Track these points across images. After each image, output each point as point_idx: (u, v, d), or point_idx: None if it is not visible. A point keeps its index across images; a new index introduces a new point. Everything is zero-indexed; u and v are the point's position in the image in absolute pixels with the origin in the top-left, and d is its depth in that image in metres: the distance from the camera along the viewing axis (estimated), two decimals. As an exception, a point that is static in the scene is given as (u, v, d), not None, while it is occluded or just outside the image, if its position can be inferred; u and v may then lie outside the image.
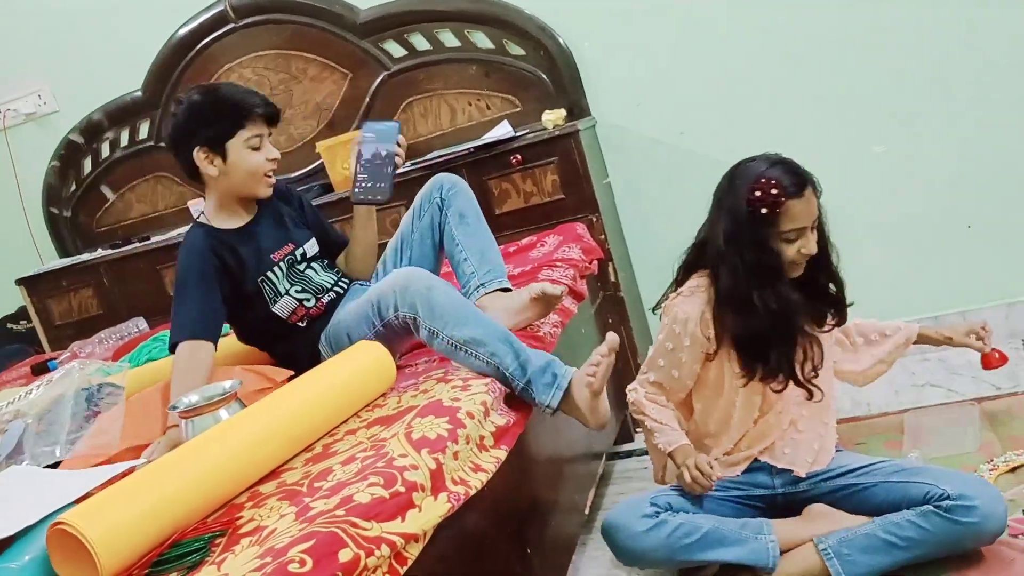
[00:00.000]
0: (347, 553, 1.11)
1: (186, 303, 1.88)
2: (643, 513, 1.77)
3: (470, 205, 2.13)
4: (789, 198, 1.70)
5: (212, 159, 1.92)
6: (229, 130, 1.90)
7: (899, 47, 2.62)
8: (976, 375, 2.54)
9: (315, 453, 1.50)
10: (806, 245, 1.74)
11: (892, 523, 1.68)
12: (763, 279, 1.74)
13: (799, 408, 1.87)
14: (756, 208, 1.70)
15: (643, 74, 2.85)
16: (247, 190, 1.98)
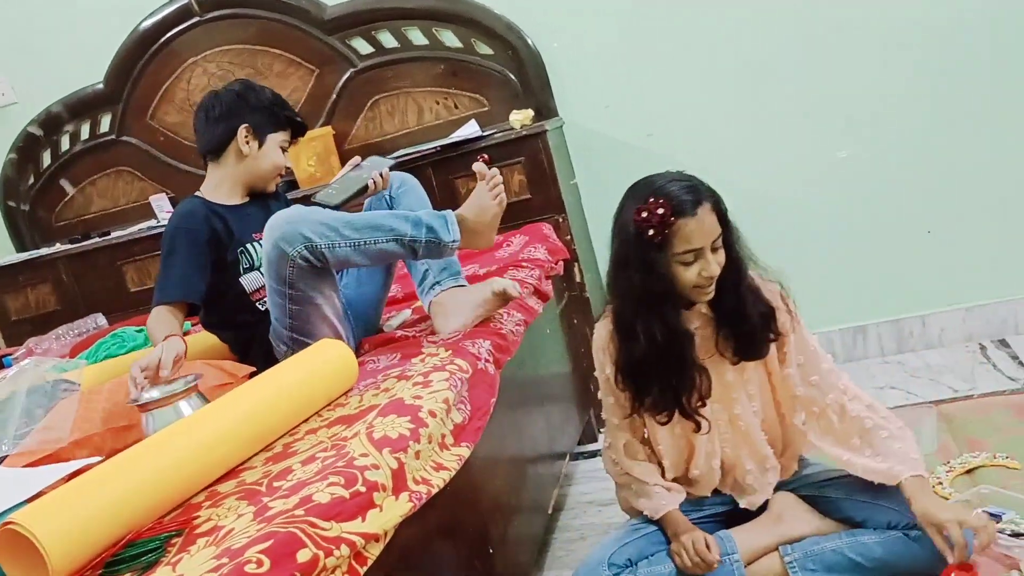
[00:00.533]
0: (305, 553, 1.09)
1: (176, 265, 1.95)
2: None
3: (420, 203, 2.14)
4: (679, 218, 1.56)
5: (251, 140, 2.07)
6: (276, 126, 2.09)
7: (863, 53, 2.65)
8: (934, 378, 2.59)
9: (275, 452, 1.48)
10: (706, 268, 1.59)
11: (861, 543, 1.66)
12: (649, 306, 1.63)
13: (734, 452, 1.78)
14: (643, 230, 1.58)
15: (612, 76, 2.86)
16: (260, 179, 2.12)
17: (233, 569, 1.04)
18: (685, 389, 1.69)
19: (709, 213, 1.58)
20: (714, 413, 1.74)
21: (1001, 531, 1.72)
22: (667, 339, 1.64)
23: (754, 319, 1.67)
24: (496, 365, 1.83)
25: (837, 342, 2.87)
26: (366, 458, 1.31)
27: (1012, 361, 2.57)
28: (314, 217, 1.82)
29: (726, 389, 1.75)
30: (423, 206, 2.12)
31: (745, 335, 1.69)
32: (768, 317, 1.69)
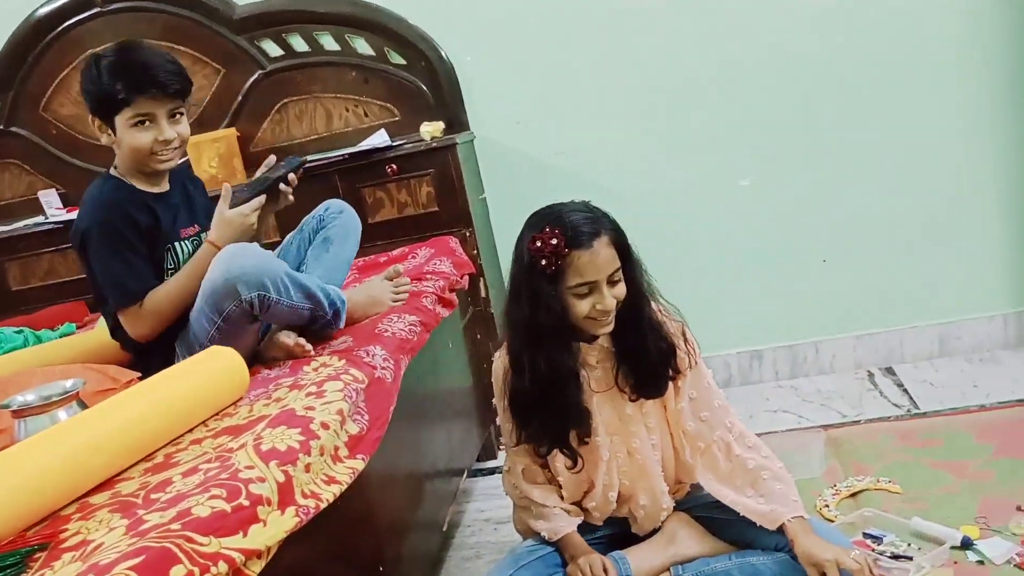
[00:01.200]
0: (179, 570, 1.03)
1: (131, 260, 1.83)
2: None
3: (343, 234, 2.10)
4: (574, 249, 1.53)
5: (104, 128, 1.87)
6: (112, 107, 1.83)
7: (769, 84, 2.73)
8: (824, 403, 2.66)
9: (155, 463, 1.41)
10: (600, 301, 1.56)
11: (750, 564, 1.67)
12: (536, 339, 1.60)
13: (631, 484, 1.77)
14: (537, 259, 1.55)
15: (524, 93, 2.86)
16: (137, 163, 1.90)
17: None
18: (565, 427, 1.67)
19: (606, 246, 1.56)
20: (613, 446, 1.74)
21: (882, 553, 1.77)
22: (550, 375, 1.61)
23: (653, 356, 1.66)
24: (397, 365, 1.80)
25: (734, 365, 2.93)
26: (251, 471, 1.26)
27: (897, 388, 2.67)
28: (277, 267, 1.76)
29: (624, 423, 1.73)
30: (342, 238, 2.10)
31: (644, 372, 1.68)
32: (668, 355, 1.68)
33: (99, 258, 1.82)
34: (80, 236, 1.84)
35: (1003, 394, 2.47)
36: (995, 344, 2.79)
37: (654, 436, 1.75)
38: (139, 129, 1.84)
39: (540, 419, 1.67)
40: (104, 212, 1.83)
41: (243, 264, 1.72)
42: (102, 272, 1.83)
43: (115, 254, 1.81)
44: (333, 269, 2.05)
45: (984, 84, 2.63)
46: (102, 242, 1.81)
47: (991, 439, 2.18)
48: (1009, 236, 2.72)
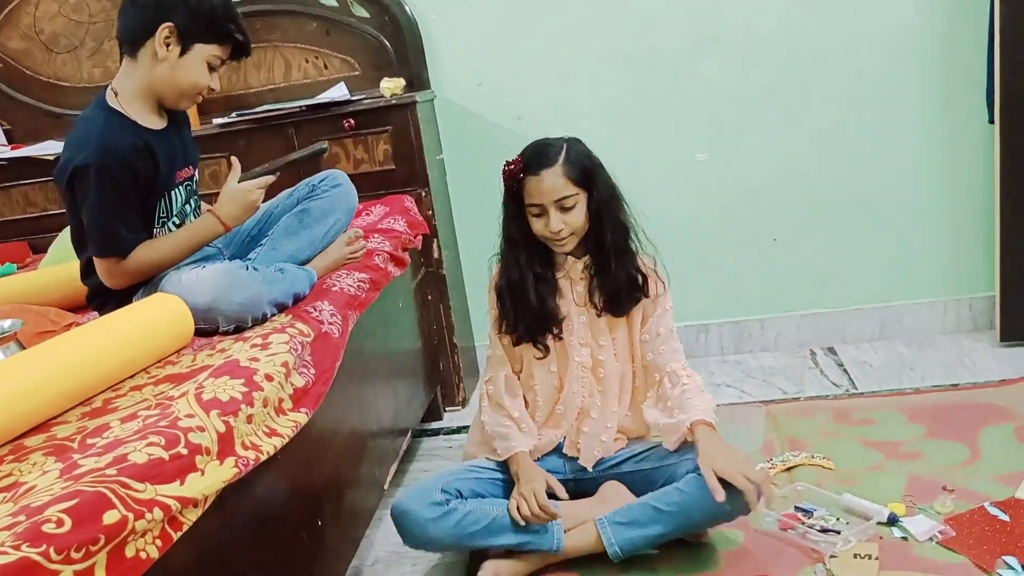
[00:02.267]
0: (113, 515, 1.02)
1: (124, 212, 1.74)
2: (432, 501, 1.77)
3: (325, 210, 2.06)
4: (527, 174, 1.82)
5: (172, 45, 1.75)
6: (208, 36, 1.78)
7: (730, 62, 2.74)
8: (767, 379, 2.71)
9: (93, 408, 1.39)
10: (549, 223, 1.82)
11: (660, 492, 1.78)
12: (509, 246, 1.92)
13: (591, 399, 1.94)
14: (505, 183, 1.88)
15: (487, 56, 2.84)
16: (173, 94, 1.81)
17: (29, 528, 0.96)
18: (537, 322, 1.91)
19: (555, 176, 1.80)
20: (582, 355, 1.93)
21: (811, 526, 1.82)
22: (521, 276, 1.89)
23: (620, 279, 1.88)
24: (344, 321, 1.79)
25: (681, 338, 2.93)
26: (192, 419, 1.25)
27: (838, 368, 2.73)
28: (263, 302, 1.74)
29: (595, 336, 1.94)
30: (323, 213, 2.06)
31: (611, 292, 1.89)
32: (634, 280, 1.90)
33: (91, 202, 1.71)
34: (71, 172, 1.71)
35: (937, 378, 2.54)
36: (933, 330, 2.86)
37: (619, 362, 1.94)
38: (206, 68, 1.80)
39: (516, 311, 1.91)
40: (106, 156, 1.69)
41: (231, 300, 1.70)
42: (91, 217, 1.72)
43: (108, 202, 1.71)
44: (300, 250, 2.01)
45: (936, 77, 2.67)
46: (97, 186, 1.69)
47: (922, 421, 2.25)
48: (951, 227, 2.78)
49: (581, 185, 1.82)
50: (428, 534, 1.76)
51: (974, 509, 1.82)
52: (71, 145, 1.75)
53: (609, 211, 1.86)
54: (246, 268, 1.77)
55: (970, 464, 2.01)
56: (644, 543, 1.78)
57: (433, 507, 1.76)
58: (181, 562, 1.17)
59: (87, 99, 2.95)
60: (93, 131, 1.73)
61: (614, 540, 1.77)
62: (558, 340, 1.93)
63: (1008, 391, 2.34)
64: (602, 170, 1.87)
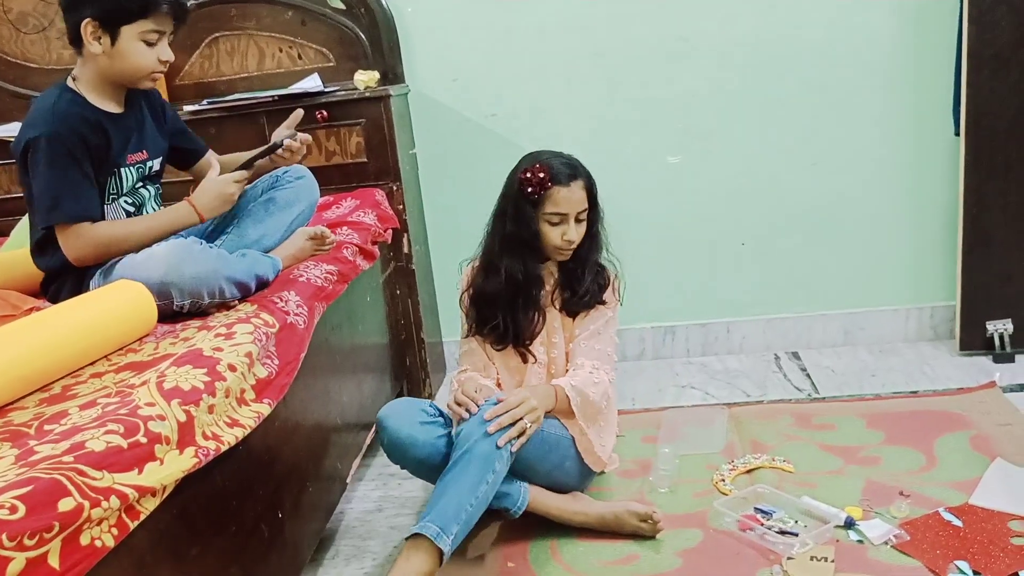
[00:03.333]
0: (68, 502, 1.01)
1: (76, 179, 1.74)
2: (423, 408, 1.93)
3: (291, 199, 2.06)
4: (555, 184, 1.91)
5: (100, 36, 1.76)
6: (128, 16, 1.75)
7: (704, 66, 2.76)
8: (731, 382, 2.74)
9: (52, 394, 1.38)
10: (567, 232, 1.93)
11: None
12: (515, 250, 1.96)
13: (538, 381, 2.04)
14: (524, 187, 1.91)
15: (463, 51, 2.83)
16: (124, 80, 1.84)
17: (-19, 514, 0.95)
18: (524, 326, 2.01)
19: (580, 189, 1.94)
20: (539, 353, 2.05)
21: (770, 528, 1.84)
22: (524, 280, 1.97)
23: (590, 286, 2.02)
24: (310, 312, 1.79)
25: (648, 339, 2.98)
26: (152, 408, 1.24)
27: (801, 373, 2.76)
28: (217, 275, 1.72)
29: (549, 333, 2.05)
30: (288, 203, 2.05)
31: (579, 296, 2.02)
32: (600, 288, 2.04)
33: (41, 170, 1.72)
34: (24, 144, 1.74)
35: (898, 385, 2.57)
36: (896, 337, 2.90)
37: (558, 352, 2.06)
38: (144, 46, 1.79)
39: (504, 318, 2.00)
40: (55, 125, 1.73)
41: (183, 273, 1.68)
42: (42, 185, 1.73)
43: (58, 169, 1.72)
44: (265, 236, 2.00)
45: (905, 88, 2.70)
46: (48, 154, 1.72)
47: (881, 427, 2.28)
48: (915, 236, 2.82)
49: (591, 201, 1.98)
50: (413, 435, 1.86)
51: (929, 514, 1.85)
52: (27, 122, 1.79)
53: (599, 227, 2.04)
54: (200, 243, 1.77)
55: (926, 470, 2.05)
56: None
57: (423, 412, 1.91)
58: (137, 551, 1.16)
59: (55, 80, 2.93)
60: (47, 106, 1.77)
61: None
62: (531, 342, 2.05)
63: (965, 399, 2.38)
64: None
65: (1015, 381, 2.49)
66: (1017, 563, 1.66)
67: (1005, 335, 2.64)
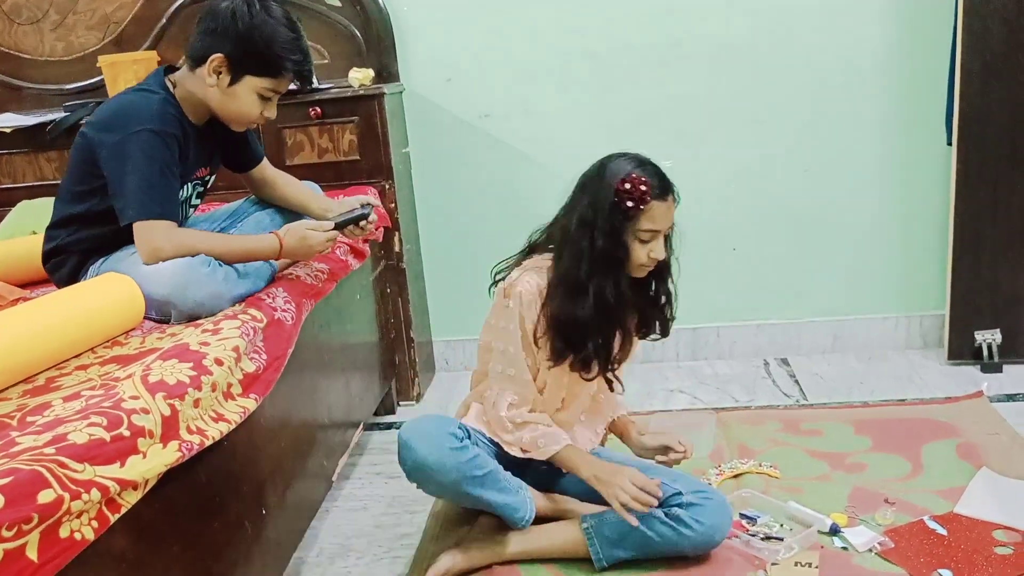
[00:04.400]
0: (48, 494, 1.01)
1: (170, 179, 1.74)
2: (452, 432, 1.74)
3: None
4: (655, 199, 1.70)
5: (221, 73, 1.77)
6: (259, 69, 1.77)
7: (698, 69, 2.76)
8: (720, 387, 2.74)
9: (36, 385, 1.37)
10: (656, 249, 1.74)
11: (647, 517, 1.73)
12: (606, 268, 1.73)
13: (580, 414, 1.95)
14: (622, 199, 1.69)
15: (458, 51, 2.83)
16: (221, 116, 1.85)
17: (-40, 504, 0.94)
18: (612, 351, 1.82)
19: (673, 205, 1.76)
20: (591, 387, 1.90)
21: (754, 534, 1.84)
22: (616, 303, 1.75)
23: (664, 308, 1.88)
24: (298, 309, 1.78)
25: (638, 342, 2.97)
26: (136, 401, 1.24)
27: (790, 379, 2.76)
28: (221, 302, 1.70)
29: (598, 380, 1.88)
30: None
31: (651, 317, 1.87)
32: (669, 309, 1.89)
33: (140, 164, 1.70)
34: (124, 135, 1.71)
35: (886, 393, 2.58)
36: (885, 345, 2.91)
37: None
38: (257, 100, 1.80)
39: (595, 344, 1.77)
40: (160, 124, 1.73)
41: (187, 297, 1.67)
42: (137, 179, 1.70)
43: (157, 166, 1.71)
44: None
45: (899, 97, 2.71)
46: (150, 150, 1.70)
47: (869, 434, 2.28)
48: (906, 245, 2.83)
49: None
50: (443, 461, 1.71)
51: (913, 522, 1.85)
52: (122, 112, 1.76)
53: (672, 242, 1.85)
54: (208, 265, 1.73)
55: (912, 478, 2.05)
56: (627, 558, 1.79)
57: (452, 437, 1.72)
58: (118, 545, 1.15)
59: (49, 73, 2.93)
60: (150, 104, 1.76)
61: (602, 555, 1.78)
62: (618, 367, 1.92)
63: (953, 408, 2.39)
64: None
65: (1002, 391, 2.50)
66: (1000, 572, 1.66)
67: (993, 345, 2.65)
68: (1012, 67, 2.51)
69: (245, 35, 1.74)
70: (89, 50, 2.90)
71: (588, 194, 1.75)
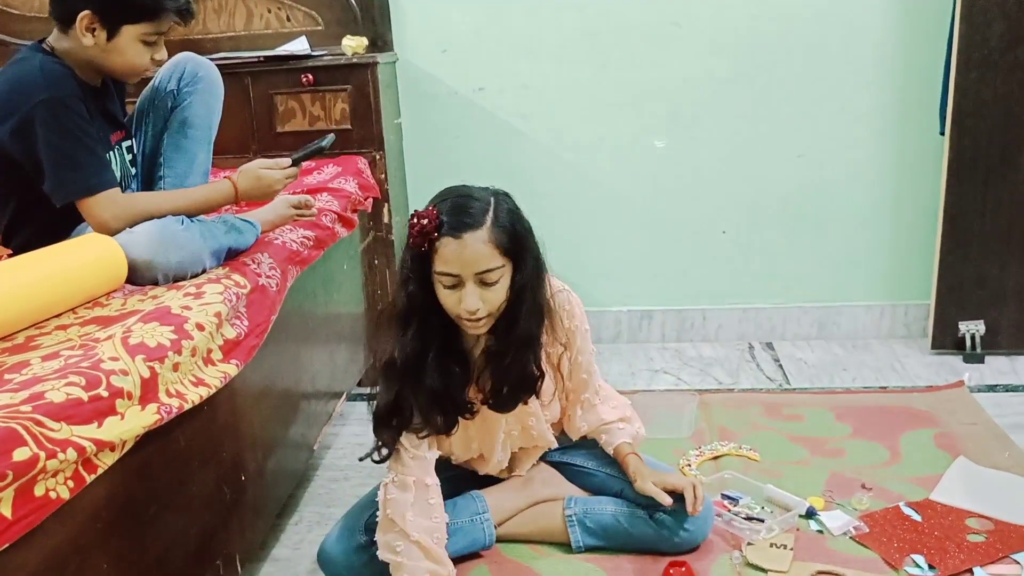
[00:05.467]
0: (24, 452, 1.00)
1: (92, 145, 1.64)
2: (358, 545, 1.65)
3: (204, 113, 1.90)
4: (442, 235, 1.44)
5: (95, 29, 1.64)
6: (134, 15, 1.65)
7: (693, 51, 2.74)
8: (704, 369, 2.75)
9: (15, 344, 1.36)
10: (464, 299, 1.46)
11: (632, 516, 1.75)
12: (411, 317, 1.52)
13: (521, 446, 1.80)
14: (411, 238, 1.47)
15: (454, 23, 2.80)
16: (111, 73, 1.74)
17: (-68, 459, 0.94)
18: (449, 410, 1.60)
19: (482, 242, 1.44)
20: (508, 425, 1.71)
21: (737, 513, 1.85)
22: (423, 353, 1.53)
23: (512, 376, 1.58)
24: (283, 275, 1.77)
25: (624, 322, 2.98)
26: (115, 362, 1.23)
27: (774, 363, 2.77)
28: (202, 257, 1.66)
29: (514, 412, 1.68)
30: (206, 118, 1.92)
31: (498, 387, 1.60)
32: (529, 381, 1.60)
33: (53, 139, 1.59)
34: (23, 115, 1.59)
35: (868, 380, 2.59)
36: (869, 333, 2.92)
37: (548, 410, 1.73)
38: (142, 46, 1.69)
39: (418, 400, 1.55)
40: (54, 90, 1.60)
41: (169, 258, 1.61)
42: (56, 155, 1.60)
43: (72, 136, 1.61)
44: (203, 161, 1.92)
45: (893, 85, 2.71)
46: (57, 121, 1.59)
47: (849, 420, 2.30)
48: (894, 234, 2.84)
49: (508, 255, 1.48)
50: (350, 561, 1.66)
51: (889, 508, 1.87)
52: (11, 90, 1.64)
53: (531, 292, 1.54)
54: (181, 223, 1.68)
55: (889, 465, 2.06)
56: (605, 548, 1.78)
57: (360, 552, 1.65)
58: (92, 505, 1.15)
59: (37, 28, 2.88)
60: (32, 70, 1.63)
61: (581, 543, 1.77)
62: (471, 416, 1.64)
63: (933, 397, 2.40)
64: (532, 237, 1.54)
65: (983, 382, 2.52)
66: (972, 559, 1.68)
67: (977, 336, 2.67)
68: (1009, 62, 2.51)
69: None
70: (79, 9, 2.86)
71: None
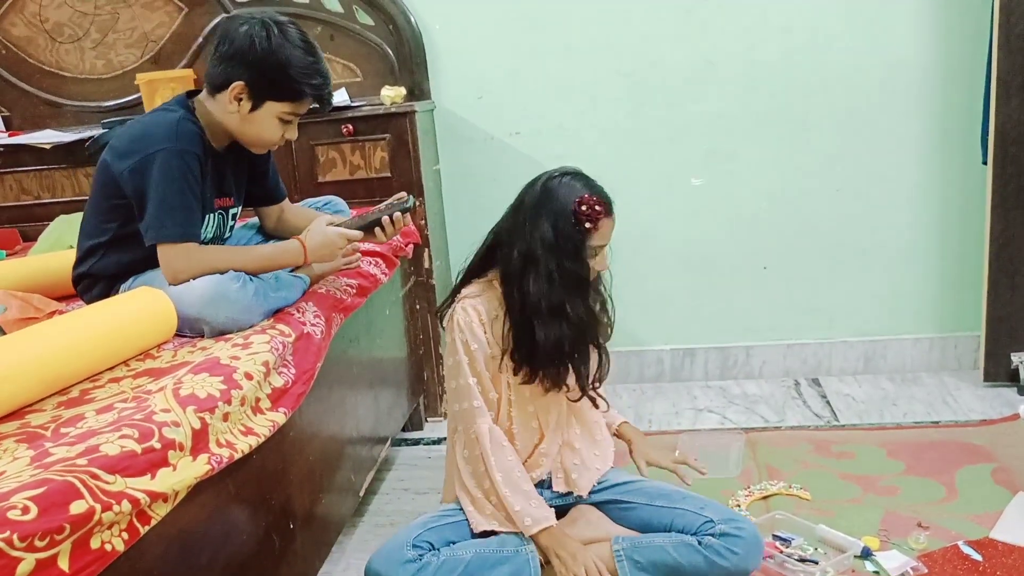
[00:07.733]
0: (80, 505, 1.02)
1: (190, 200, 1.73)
2: (405, 559, 1.68)
3: None
4: (605, 216, 1.72)
5: (243, 100, 1.77)
6: (279, 95, 1.78)
7: (730, 89, 2.75)
8: (749, 407, 2.72)
9: (70, 397, 1.39)
10: (601, 263, 1.78)
11: (683, 548, 1.70)
12: (576, 288, 1.74)
13: (570, 430, 1.89)
14: (580, 220, 1.69)
15: (489, 69, 2.85)
16: (242, 140, 1.86)
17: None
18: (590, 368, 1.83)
19: (614, 219, 1.77)
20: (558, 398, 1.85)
21: (789, 555, 1.82)
22: (589, 319, 1.79)
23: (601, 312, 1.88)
24: (328, 323, 1.79)
25: (667, 360, 2.97)
26: (167, 414, 1.25)
27: (821, 400, 2.73)
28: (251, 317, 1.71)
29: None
30: None
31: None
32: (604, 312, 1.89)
33: (160, 185, 1.70)
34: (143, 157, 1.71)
35: (919, 415, 2.54)
36: (918, 366, 2.87)
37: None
38: (278, 124, 1.81)
39: (576, 361, 1.79)
40: (179, 143, 1.72)
41: (219, 313, 1.67)
42: (157, 200, 1.70)
43: (176, 186, 1.70)
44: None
45: (933, 115, 2.69)
46: (169, 170, 1.70)
47: (902, 457, 2.25)
48: (940, 265, 2.80)
49: None
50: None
51: (947, 547, 1.82)
52: (142, 133, 1.76)
53: None
54: (238, 280, 1.72)
55: (946, 502, 2.01)
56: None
57: (407, 566, 1.67)
58: (147, 556, 1.17)
59: (88, 90, 2.99)
60: (169, 123, 1.75)
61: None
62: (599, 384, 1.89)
63: (988, 431, 2.35)
64: None
65: (1040, 414, 2.46)
66: (1037, 600, 1.63)
67: (1030, 367, 2.61)
68: (1050, 86, 2.48)
69: (264, 61, 1.73)
70: (128, 68, 2.96)
71: (544, 217, 1.72)
